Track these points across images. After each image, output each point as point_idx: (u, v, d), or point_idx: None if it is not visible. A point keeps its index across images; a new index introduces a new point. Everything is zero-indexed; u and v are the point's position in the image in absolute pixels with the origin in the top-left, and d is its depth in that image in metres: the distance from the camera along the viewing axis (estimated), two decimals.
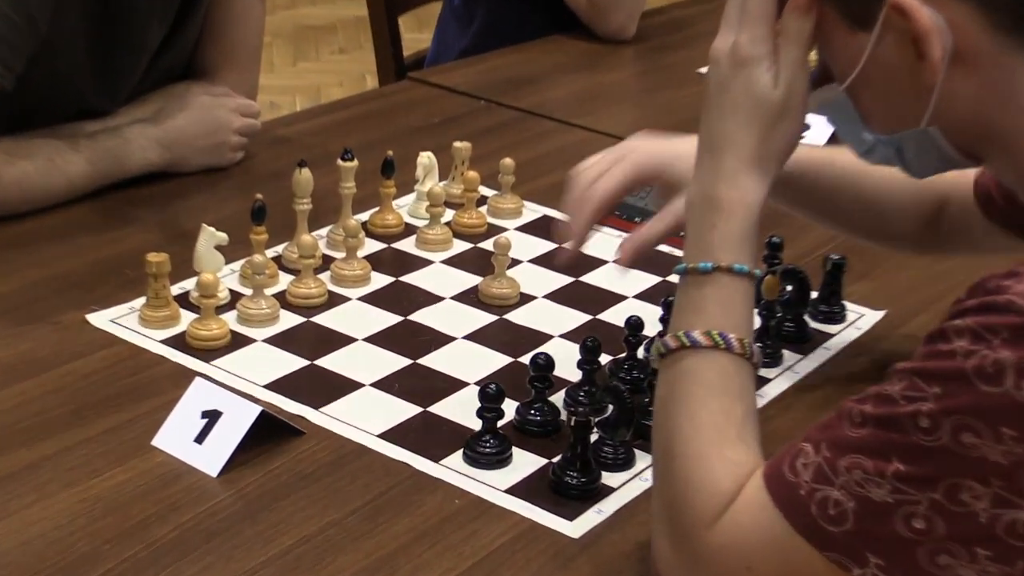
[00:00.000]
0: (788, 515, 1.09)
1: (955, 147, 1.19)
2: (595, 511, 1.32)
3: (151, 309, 1.56)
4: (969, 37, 1.11)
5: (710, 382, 1.20)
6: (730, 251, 1.22)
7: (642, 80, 2.55)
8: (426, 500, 1.31)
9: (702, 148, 1.27)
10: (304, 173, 1.69)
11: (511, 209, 1.91)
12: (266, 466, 1.34)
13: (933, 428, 1.01)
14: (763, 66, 1.21)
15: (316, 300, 1.64)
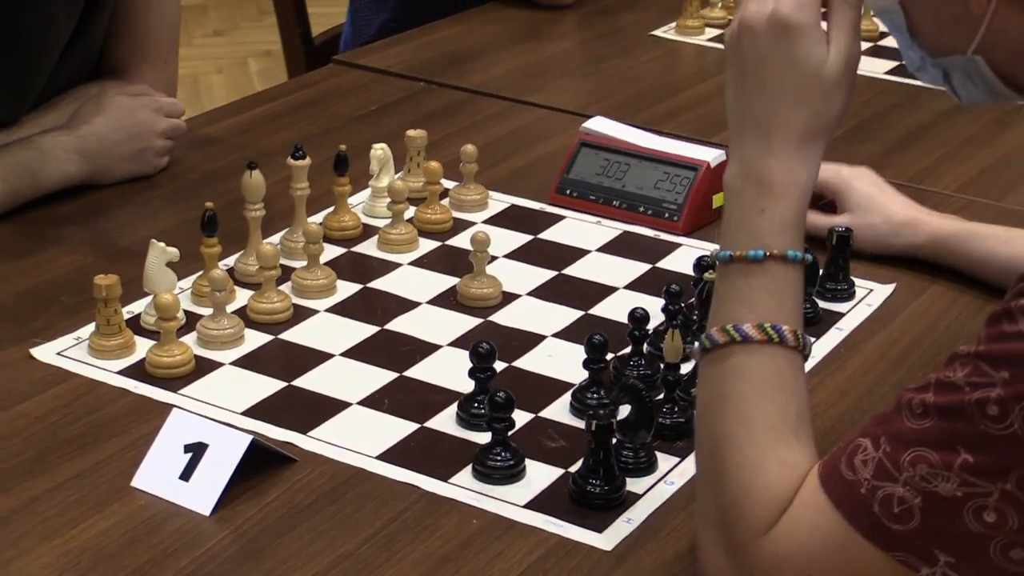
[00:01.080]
0: (849, 516, 1.12)
1: (1003, 79, 1.23)
2: (624, 520, 1.34)
3: (103, 337, 1.56)
4: None
5: (763, 380, 1.22)
6: (782, 237, 1.24)
7: (591, 48, 2.57)
8: (441, 523, 1.33)
9: (742, 127, 1.28)
10: (255, 176, 1.69)
11: (476, 200, 1.92)
12: (261, 499, 1.34)
13: (1003, 415, 1.04)
14: (812, 34, 1.23)
15: (282, 315, 1.65)
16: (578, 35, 2.64)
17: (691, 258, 1.75)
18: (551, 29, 2.64)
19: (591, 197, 1.91)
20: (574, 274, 1.79)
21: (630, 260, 1.82)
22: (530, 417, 1.49)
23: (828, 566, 1.16)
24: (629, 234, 1.87)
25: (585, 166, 1.93)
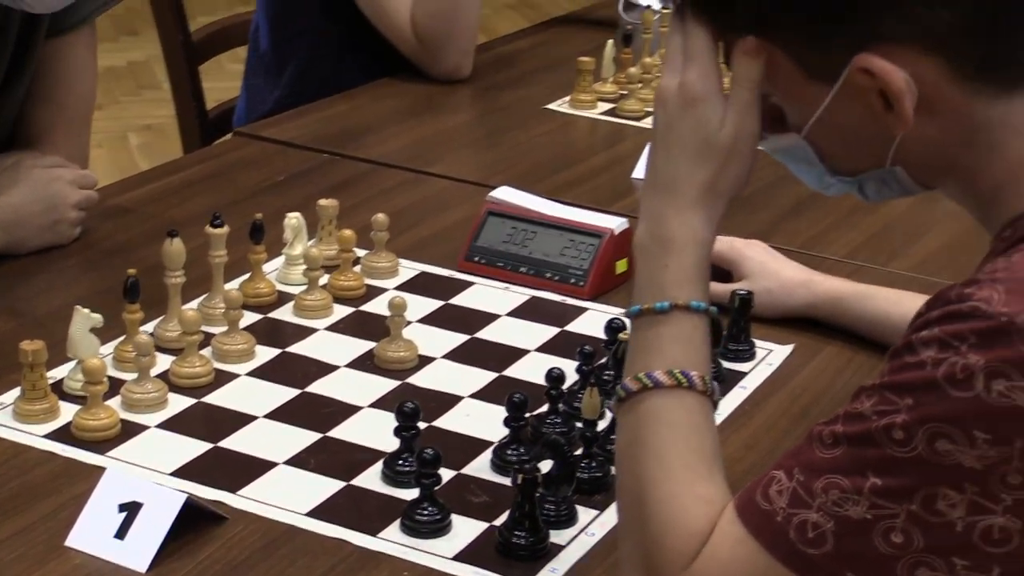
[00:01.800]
0: (766, 544, 1.16)
1: (915, 180, 1.29)
2: (549, 570, 1.37)
3: (28, 402, 1.56)
4: (934, 86, 1.20)
5: (676, 421, 1.26)
6: (684, 289, 1.29)
7: (487, 121, 2.59)
8: (375, 573, 1.36)
9: (650, 189, 1.33)
10: (176, 243, 1.70)
11: (387, 268, 1.93)
12: (196, 556, 1.36)
13: (907, 439, 1.09)
14: (711, 105, 1.28)
15: (204, 379, 1.66)
16: (473, 109, 2.67)
17: (597, 321, 1.80)
18: (446, 102, 2.66)
19: (499, 264, 1.94)
20: (486, 337, 1.81)
21: (539, 324, 1.85)
22: (453, 474, 1.51)
23: None
24: (537, 299, 1.90)
25: (492, 234, 1.97)
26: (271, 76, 2.86)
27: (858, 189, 1.32)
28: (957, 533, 1.11)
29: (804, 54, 1.24)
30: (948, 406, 1.09)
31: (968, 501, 1.10)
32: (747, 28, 1.26)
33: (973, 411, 1.08)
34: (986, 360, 1.07)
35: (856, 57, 1.19)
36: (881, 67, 1.18)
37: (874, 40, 1.19)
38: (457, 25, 2.70)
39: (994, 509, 1.09)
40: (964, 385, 1.08)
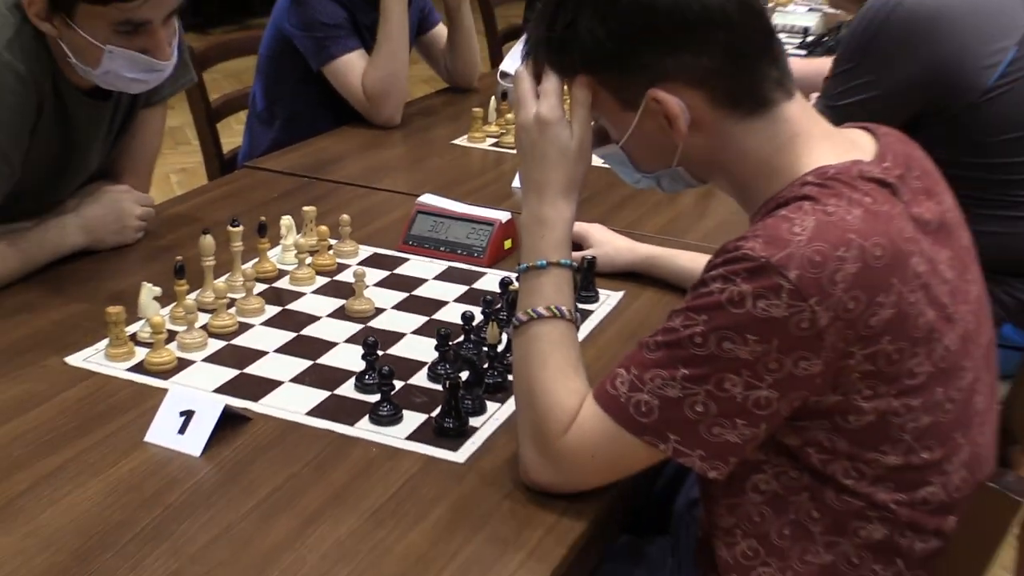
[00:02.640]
0: (614, 416, 1.18)
1: (693, 174, 1.30)
2: (470, 443, 1.38)
3: (114, 348, 1.55)
4: (700, 111, 1.21)
5: (553, 339, 1.27)
6: (556, 252, 1.30)
7: (414, 153, 2.57)
8: (352, 452, 1.36)
9: (527, 188, 1.33)
10: (208, 238, 1.69)
11: (350, 251, 1.92)
12: (231, 444, 1.36)
13: (704, 342, 1.12)
14: (561, 125, 1.28)
15: (231, 328, 1.64)
16: (404, 144, 2.64)
17: (493, 281, 1.81)
18: (386, 141, 2.64)
19: (426, 246, 1.94)
20: (419, 294, 1.81)
21: (454, 284, 1.85)
22: (402, 384, 1.51)
23: (604, 448, 1.21)
24: (452, 268, 1.90)
25: (421, 226, 1.96)
26: (265, 126, 2.81)
27: (657, 183, 1.33)
28: (738, 403, 1.13)
29: (617, 90, 1.25)
30: (729, 319, 1.11)
31: (744, 382, 1.12)
32: (580, 71, 1.25)
33: (745, 321, 1.10)
34: (752, 287, 1.10)
35: (649, 91, 1.20)
36: (664, 98, 1.20)
37: (660, 79, 1.20)
38: (392, 89, 2.66)
39: (760, 386, 1.12)
40: (739, 304, 1.10)
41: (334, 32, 2.64)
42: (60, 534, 1.19)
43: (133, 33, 1.69)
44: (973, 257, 1.31)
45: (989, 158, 2.09)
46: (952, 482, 1.22)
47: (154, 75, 1.77)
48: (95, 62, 1.71)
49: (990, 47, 2.07)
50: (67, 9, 1.65)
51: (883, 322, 1.12)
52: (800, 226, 1.11)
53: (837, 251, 1.09)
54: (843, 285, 1.09)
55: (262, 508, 1.25)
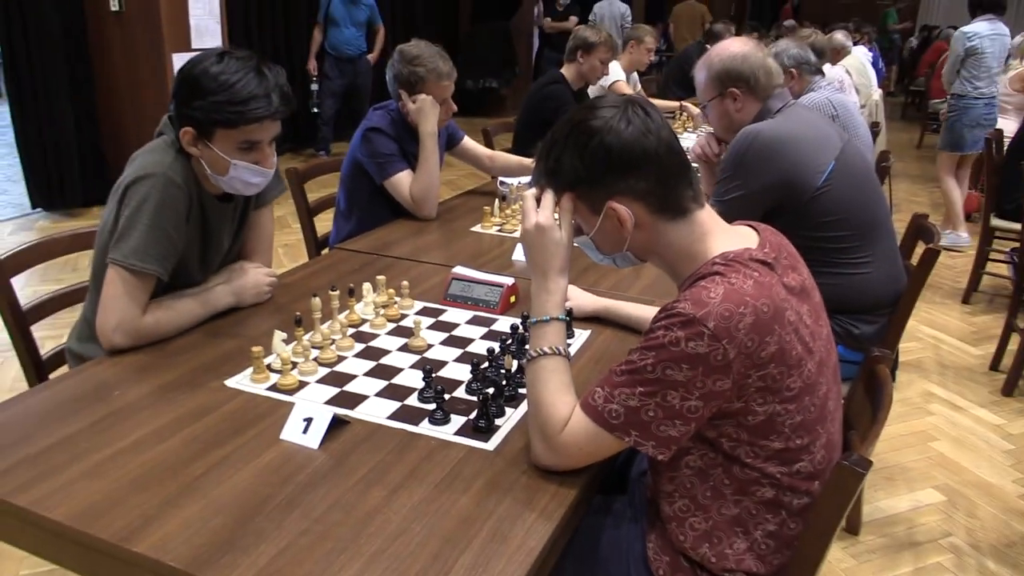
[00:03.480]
0: (594, 420, 1.18)
1: (637, 256, 1.30)
2: (497, 436, 1.37)
3: (256, 374, 1.53)
4: (641, 216, 1.23)
5: (553, 368, 1.26)
6: (556, 311, 1.30)
7: (446, 237, 2.53)
8: (418, 443, 1.35)
9: (534, 270, 1.32)
10: (316, 299, 1.69)
11: (409, 305, 1.90)
12: (338, 439, 1.35)
13: (653, 370, 1.12)
14: (554, 228, 1.29)
15: (333, 360, 1.62)
16: (439, 231, 2.61)
17: (503, 324, 1.80)
18: (427, 228, 2.61)
19: (459, 301, 1.93)
20: (456, 334, 1.78)
21: (479, 326, 1.82)
22: (449, 396, 1.49)
23: (588, 443, 1.20)
24: (477, 315, 1.88)
25: (455, 288, 1.95)
26: (346, 220, 2.79)
27: (613, 262, 1.33)
28: (676, 410, 1.13)
29: (588, 201, 1.25)
30: (670, 354, 1.11)
31: (680, 395, 1.13)
32: (565, 190, 1.27)
33: (681, 356, 1.11)
34: (684, 334, 1.11)
35: (607, 202, 1.22)
36: (617, 207, 1.22)
37: (614, 195, 1.22)
38: (429, 195, 2.65)
39: (691, 398, 1.13)
40: (676, 345, 1.11)
41: (390, 159, 2.64)
42: (226, 504, 1.18)
43: (249, 150, 1.71)
44: (823, 308, 1.32)
45: (819, 233, 2.12)
46: (816, 459, 1.24)
47: (263, 179, 1.78)
48: (224, 171, 1.72)
49: (817, 161, 2.10)
50: (208, 135, 1.68)
51: (770, 354, 1.13)
52: (714, 292, 1.13)
53: (739, 309, 1.11)
54: (744, 331, 1.10)
55: (361, 483, 1.24)
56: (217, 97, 1.63)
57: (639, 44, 4.99)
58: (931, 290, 4.68)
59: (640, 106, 1.23)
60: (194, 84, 1.65)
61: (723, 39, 6.63)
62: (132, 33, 5.49)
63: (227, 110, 1.63)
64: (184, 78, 1.67)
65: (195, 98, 1.64)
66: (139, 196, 1.67)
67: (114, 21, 5.56)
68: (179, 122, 1.70)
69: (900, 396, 3.42)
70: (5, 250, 1.89)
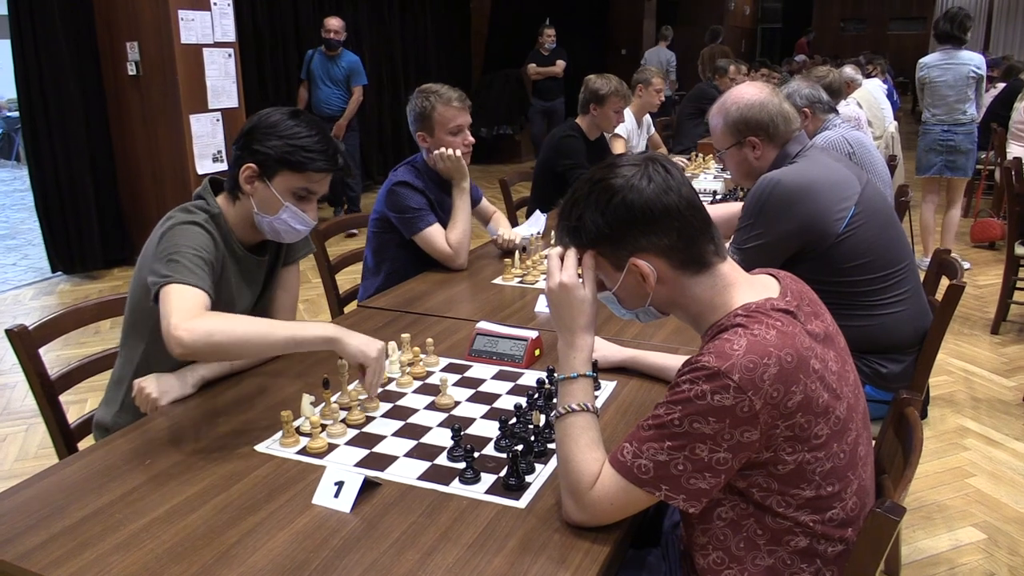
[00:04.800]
0: (624, 475, 1.19)
1: (659, 310, 1.32)
2: (528, 494, 1.37)
3: (285, 438, 1.55)
4: (663, 271, 1.25)
5: (582, 425, 1.28)
6: (583, 367, 1.31)
7: (469, 290, 2.54)
8: (450, 504, 1.35)
9: (561, 328, 1.33)
10: (342, 360, 1.70)
11: (434, 362, 1.91)
12: (370, 502, 1.36)
13: (680, 424, 1.13)
14: (579, 287, 1.31)
15: (361, 421, 1.63)
16: (462, 284, 2.62)
17: (530, 378, 1.82)
18: (451, 280, 2.63)
19: (483, 356, 1.94)
20: (482, 390, 1.79)
21: (505, 381, 1.83)
22: (478, 453, 1.50)
23: (619, 499, 1.21)
24: (502, 370, 1.89)
25: (480, 343, 1.97)
26: (373, 276, 2.82)
27: (636, 316, 1.34)
28: (705, 462, 1.14)
29: (611, 258, 1.27)
30: (696, 408, 1.12)
31: (709, 448, 1.13)
32: (588, 247, 1.28)
33: (707, 409, 1.12)
34: (710, 387, 1.12)
35: (630, 259, 1.24)
36: (640, 263, 1.24)
37: (636, 252, 1.24)
38: (464, 246, 2.71)
39: (719, 450, 1.13)
40: (702, 398, 1.12)
41: (419, 213, 2.68)
42: (262, 571, 1.19)
43: (301, 199, 1.80)
44: (848, 353, 1.33)
45: (844, 277, 2.13)
46: (848, 505, 1.24)
47: (306, 228, 1.85)
48: (275, 212, 1.80)
49: (838, 206, 2.11)
50: (270, 175, 1.78)
51: (796, 404, 1.15)
52: (737, 344, 1.14)
53: (763, 360, 1.13)
54: (769, 381, 1.12)
55: (394, 547, 1.25)
56: (292, 141, 1.74)
57: (647, 87, 5.05)
58: (959, 321, 4.65)
59: (660, 163, 1.26)
60: (271, 127, 1.77)
61: (729, 73, 6.65)
62: (150, 96, 5.64)
63: (300, 154, 1.75)
64: (260, 120, 1.79)
65: (270, 138, 1.76)
66: (177, 236, 1.72)
67: (132, 85, 5.70)
68: (243, 159, 1.79)
69: (933, 432, 3.39)
70: (27, 314, 1.94)
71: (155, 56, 5.53)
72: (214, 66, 5.64)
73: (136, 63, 5.60)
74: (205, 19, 5.57)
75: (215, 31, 5.64)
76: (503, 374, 1.88)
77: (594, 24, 12.54)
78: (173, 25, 5.40)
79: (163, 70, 5.52)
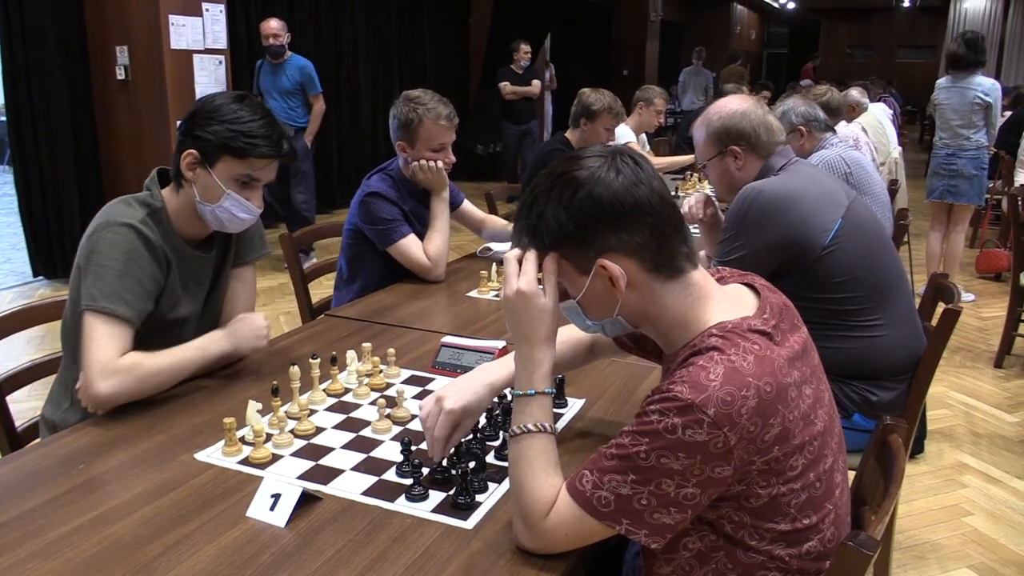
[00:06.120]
0: (582, 505, 1.13)
1: (628, 321, 1.24)
2: (477, 514, 1.31)
3: (228, 447, 1.49)
4: (633, 275, 1.17)
5: (538, 447, 1.21)
6: (542, 384, 1.24)
7: (442, 302, 2.51)
8: (392, 522, 1.29)
9: (519, 340, 1.26)
10: (294, 368, 1.66)
11: (394, 374, 1.86)
12: (307, 517, 1.30)
13: (647, 457, 1.07)
14: (538, 294, 1.23)
15: (310, 431, 1.58)
16: (435, 296, 2.58)
17: None
18: (423, 292, 2.59)
19: (447, 368, 1.89)
20: None
21: None
22: (427, 471, 1.43)
23: (574, 529, 1.15)
24: None
25: (444, 355, 1.92)
26: (347, 288, 2.76)
27: (602, 329, 1.27)
28: (671, 498, 1.08)
29: (575, 260, 1.19)
30: (665, 442, 1.06)
31: (676, 483, 1.07)
32: (550, 248, 1.20)
33: (676, 444, 1.06)
34: (681, 421, 1.06)
35: (597, 260, 1.16)
36: (608, 265, 1.16)
37: (605, 252, 1.16)
38: (443, 257, 2.67)
39: (687, 486, 1.08)
40: (672, 432, 1.06)
41: (392, 224, 2.63)
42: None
43: (245, 186, 1.75)
44: (821, 369, 1.27)
45: (829, 294, 2.07)
46: (826, 537, 1.18)
47: (250, 217, 1.80)
48: (216, 200, 1.75)
49: (824, 219, 2.07)
50: (211, 161, 1.73)
51: (773, 437, 1.09)
52: (713, 373, 1.07)
53: (741, 392, 1.06)
54: (746, 415, 1.06)
55: (327, 566, 1.18)
56: (233, 127, 1.70)
57: (648, 106, 5.02)
58: (961, 354, 4.58)
59: (629, 155, 1.19)
60: (213, 112, 1.72)
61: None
62: (137, 101, 5.61)
63: (241, 140, 1.70)
64: (203, 106, 1.75)
65: (211, 123, 1.71)
66: (106, 243, 1.68)
67: (120, 89, 5.68)
68: (185, 145, 1.75)
69: (930, 467, 3.31)
70: None
71: (144, 61, 5.51)
72: (204, 72, 5.62)
73: (125, 67, 5.59)
74: (196, 25, 5.55)
75: (206, 37, 5.62)
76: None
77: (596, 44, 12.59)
78: (163, 30, 5.38)
79: (152, 75, 5.50)
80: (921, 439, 3.42)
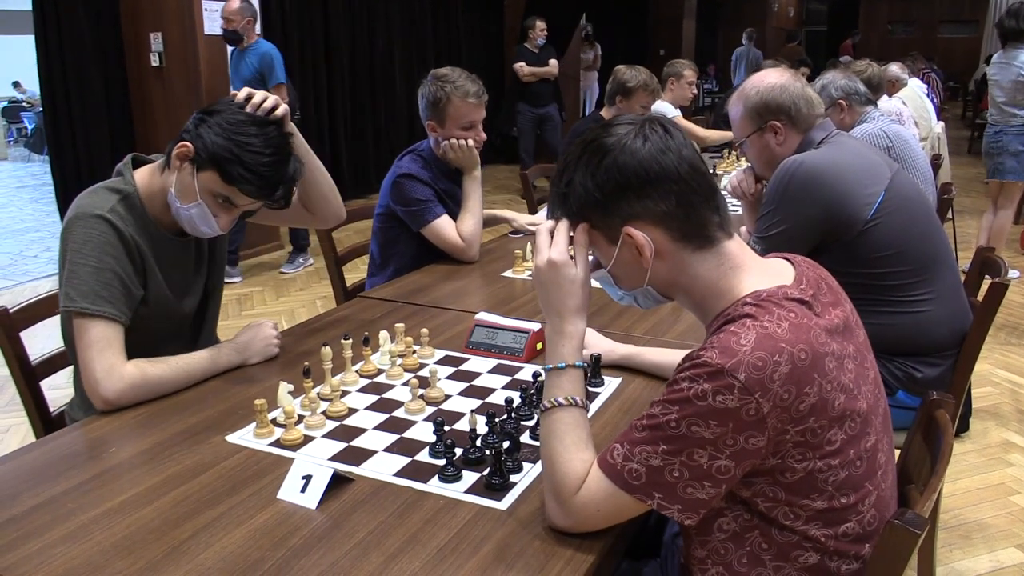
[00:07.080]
0: (613, 480, 1.10)
1: (660, 293, 1.22)
2: (511, 495, 1.29)
3: (259, 429, 1.48)
4: (661, 244, 1.14)
5: (570, 421, 1.18)
6: (573, 357, 1.21)
7: (476, 283, 2.48)
8: (425, 503, 1.28)
9: (549, 312, 1.24)
10: (326, 348, 1.64)
11: (428, 354, 1.84)
12: (339, 499, 1.29)
13: (677, 426, 1.03)
14: (568, 264, 1.21)
15: (343, 413, 1.57)
16: (469, 276, 2.56)
17: (527, 373, 1.73)
18: (456, 273, 2.57)
19: (481, 348, 1.87)
20: (477, 384, 1.72)
21: (502, 376, 1.75)
22: (461, 450, 1.41)
23: (606, 503, 1.12)
24: (500, 364, 1.81)
25: (478, 335, 1.89)
26: (380, 271, 2.74)
27: (635, 300, 1.24)
28: (704, 470, 1.05)
29: (603, 228, 1.17)
30: (696, 409, 1.03)
31: (708, 454, 1.04)
32: (577, 216, 1.18)
33: (708, 411, 1.03)
34: (712, 386, 1.03)
35: (623, 228, 1.13)
36: (633, 233, 1.13)
37: (631, 219, 1.14)
38: (477, 237, 2.64)
39: (720, 457, 1.04)
40: (702, 399, 1.03)
41: (426, 205, 2.59)
42: (211, 570, 1.12)
43: (220, 205, 1.68)
44: (868, 348, 1.23)
45: (873, 269, 2.01)
46: (865, 519, 1.13)
47: (209, 231, 1.72)
48: (187, 202, 1.68)
49: (866, 191, 2.01)
50: (200, 167, 1.65)
51: (809, 406, 1.04)
52: (745, 339, 1.04)
53: (773, 357, 1.02)
54: (779, 382, 1.02)
55: (358, 548, 1.17)
56: (236, 150, 1.61)
57: (679, 79, 4.95)
58: (1006, 331, 4.47)
59: (660, 123, 1.16)
60: (229, 124, 1.63)
61: None
62: (172, 88, 5.64)
63: (236, 167, 1.61)
64: (225, 110, 1.66)
65: (220, 134, 1.62)
66: (78, 238, 1.63)
67: (155, 76, 5.72)
68: (187, 135, 1.67)
69: (975, 446, 3.23)
70: None
71: (178, 47, 5.53)
72: None
73: (159, 54, 5.62)
74: None
75: None
76: (501, 368, 1.79)
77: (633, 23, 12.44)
78: (196, 16, 5.40)
79: (186, 61, 5.52)
80: (966, 417, 3.33)
